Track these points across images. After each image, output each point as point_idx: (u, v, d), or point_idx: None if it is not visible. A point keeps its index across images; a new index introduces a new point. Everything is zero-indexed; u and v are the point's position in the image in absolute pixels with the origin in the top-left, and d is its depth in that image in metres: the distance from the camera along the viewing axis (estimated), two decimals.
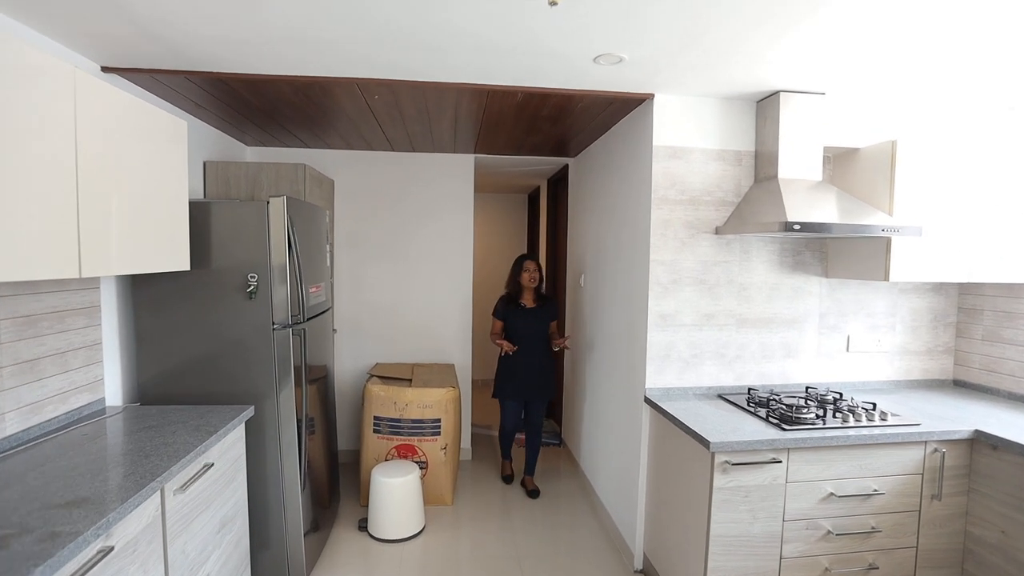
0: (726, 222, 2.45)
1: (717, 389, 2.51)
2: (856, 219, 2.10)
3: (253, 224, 2.20)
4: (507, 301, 3.41)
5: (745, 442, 1.88)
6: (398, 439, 3.13)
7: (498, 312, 3.43)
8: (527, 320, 3.34)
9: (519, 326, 3.34)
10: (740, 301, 2.51)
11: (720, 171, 2.45)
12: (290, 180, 3.01)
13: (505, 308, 3.40)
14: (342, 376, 3.83)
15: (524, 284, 3.38)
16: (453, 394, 3.17)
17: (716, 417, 2.15)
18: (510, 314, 3.37)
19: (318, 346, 2.71)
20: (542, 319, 3.38)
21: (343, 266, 3.77)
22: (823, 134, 2.33)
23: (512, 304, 3.39)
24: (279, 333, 2.25)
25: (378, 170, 3.78)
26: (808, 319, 2.58)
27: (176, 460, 1.56)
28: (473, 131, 3.15)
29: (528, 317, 3.35)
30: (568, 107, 2.58)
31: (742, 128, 2.46)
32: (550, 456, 4.10)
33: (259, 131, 3.25)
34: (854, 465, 2.00)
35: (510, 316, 3.37)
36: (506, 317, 3.39)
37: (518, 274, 3.39)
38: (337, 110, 2.71)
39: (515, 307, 3.38)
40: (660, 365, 2.46)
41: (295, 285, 2.28)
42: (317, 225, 2.73)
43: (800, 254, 2.55)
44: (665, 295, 2.44)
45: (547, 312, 3.41)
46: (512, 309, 3.38)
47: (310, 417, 2.58)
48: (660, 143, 2.40)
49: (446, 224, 3.87)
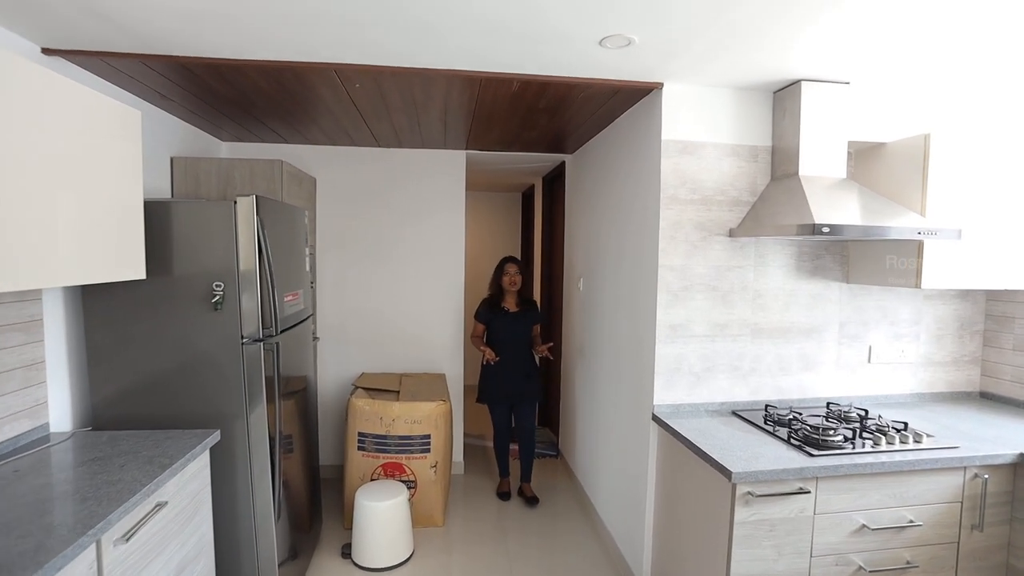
0: (741, 224, 2.25)
1: (731, 405, 2.31)
2: (887, 220, 1.91)
3: (219, 226, 1.97)
4: (489, 304, 3.34)
5: (770, 471, 1.68)
6: (384, 457, 2.91)
7: (480, 315, 3.34)
8: (509, 324, 3.28)
9: (501, 330, 3.27)
10: (755, 309, 2.31)
11: (734, 168, 2.25)
12: (266, 177, 2.77)
13: (488, 311, 3.32)
14: (325, 387, 3.60)
15: (505, 287, 3.32)
16: (443, 408, 2.95)
17: (733, 439, 1.94)
18: (492, 318, 3.30)
19: (296, 358, 2.49)
20: (525, 323, 3.32)
21: (326, 270, 3.54)
22: (847, 127, 2.13)
23: (495, 308, 3.32)
24: (249, 348, 2.02)
25: (363, 167, 3.55)
26: (827, 328, 2.38)
27: (118, 504, 1.33)
28: (464, 125, 2.93)
29: (511, 321, 3.28)
30: (568, 98, 2.37)
31: (758, 121, 2.26)
32: (547, 468, 3.90)
33: (234, 125, 3.01)
34: (888, 494, 1.80)
35: (492, 320, 3.30)
36: (488, 321, 3.31)
37: (499, 277, 3.33)
38: (316, 101, 2.48)
39: (498, 311, 3.31)
40: (669, 379, 2.26)
41: (267, 294, 2.05)
42: (295, 227, 2.50)
43: (819, 258, 2.35)
44: (675, 303, 2.24)
45: (530, 316, 3.36)
46: (495, 313, 3.30)
47: (287, 435, 2.36)
48: (670, 137, 2.19)
49: (436, 225, 3.65)
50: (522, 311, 3.34)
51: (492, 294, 3.38)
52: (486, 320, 3.33)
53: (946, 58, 1.86)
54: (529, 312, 3.36)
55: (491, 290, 3.39)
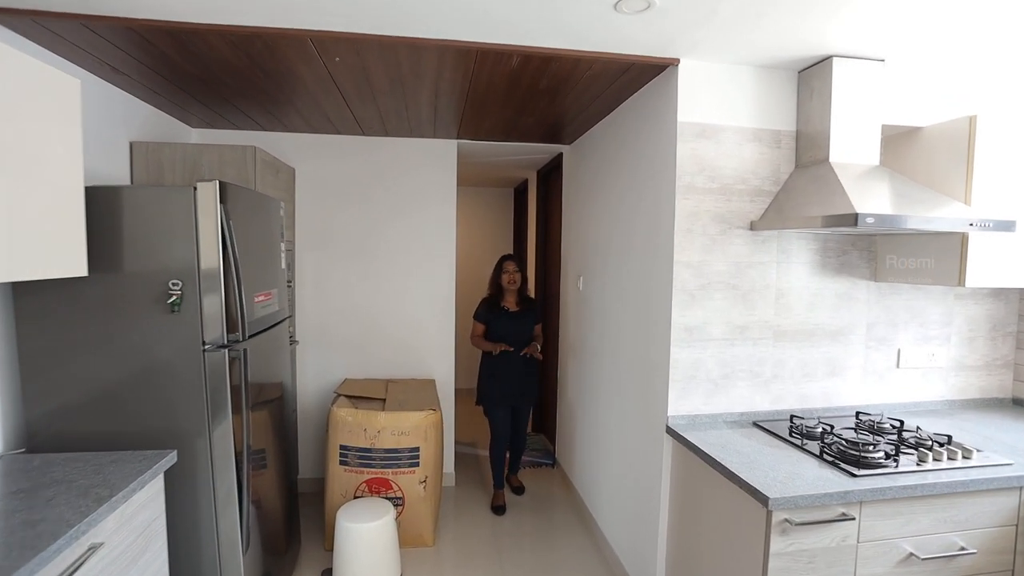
0: (763, 215, 2.04)
1: (751, 415, 2.10)
2: (934, 210, 1.71)
3: (176, 216, 1.71)
4: (489, 304, 3.26)
5: (811, 496, 1.46)
6: (369, 472, 2.66)
7: (480, 315, 3.26)
8: (510, 324, 3.20)
9: (502, 330, 3.19)
10: (778, 310, 2.10)
11: (756, 154, 2.04)
12: (237, 165, 2.51)
13: (487, 311, 3.24)
14: (305, 394, 3.34)
15: (504, 286, 3.24)
16: (434, 418, 2.71)
17: (760, 455, 1.73)
18: (492, 318, 3.22)
19: (269, 364, 2.24)
20: (525, 322, 3.25)
21: (306, 268, 3.28)
22: (881, 109, 1.93)
23: (494, 307, 3.23)
24: (212, 355, 1.76)
25: (347, 158, 3.29)
26: (854, 330, 2.19)
27: (34, 553, 1.08)
28: (456, 110, 2.69)
29: (511, 320, 3.21)
30: (573, 76, 2.14)
31: (781, 104, 2.05)
32: (543, 478, 3.67)
33: (203, 109, 2.74)
34: (937, 518, 1.60)
35: (492, 320, 3.21)
36: (488, 321, 3.22)
37: (498, 276, 3.26)
38: (292, 79, 2.23)
39: (497, 310, 3.23)
40: (685, 388, 2.04)
41: (233, 293, 1.80)
42: (268, 219, 2.25)
43: (845, 254, 2.15)
44: (691, 304, 2.02)
45: (530, 315, 3.29)
46: (494, 312, 3.22)
47: (259, 450, 2.11)
48: (687, 119, 1.98)
49: (425, 220, 3.40)
50: (522, 310, 3.26)
51: (491, 293, 3.28)
52: (486, 320, 3.23)
53: (991, 33, 1.66)
54: (530, 311, 3.29)
55: (490, 289, 3.30)
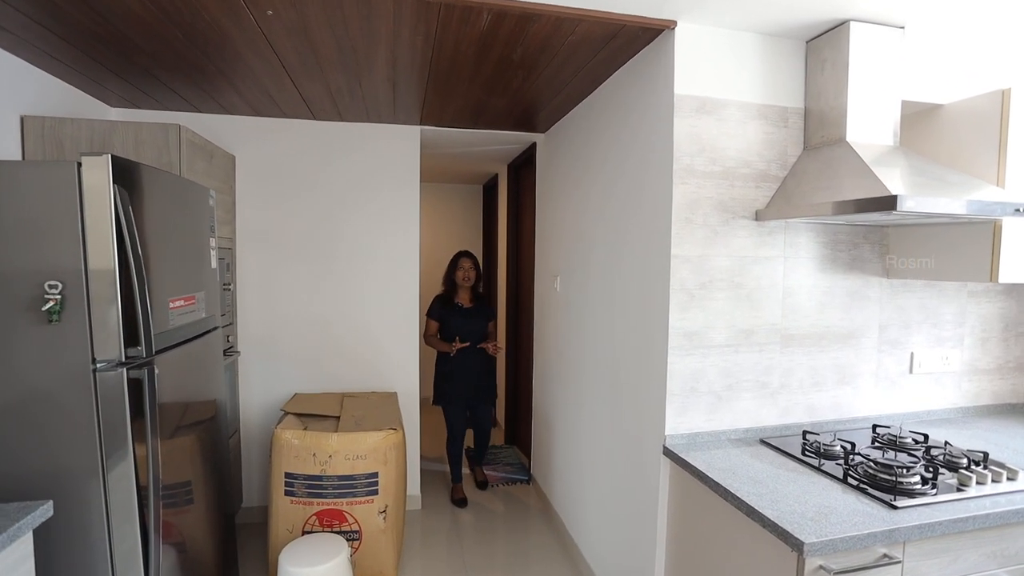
0: (769, 203, 1.79)
1: (758, 431, 1.84)
2: (972, 194, 1.48)
3: (53, 200, 1.34)
4: (443, 301, 3.25)
5: (852, 538, 1.20)
6: (320, 503, 2.30)
7: (433, 313, 3.25)
8: (465, 320, 3.21)
9: (456, 327, 3.19)
10: (785, 311, 1.86)
11: (762, 134, 1.79)
12: (157, 146, 2.13)
13: (441, 308, 3.23)
14: (250, 412, 2.95)
15: (459, 282, 3.24)
16: (394, 438, 2.37)
17: (776, 481, 1.47)
18: (447, 314, 3.21)
19: (194, 382, 1.87)
20: (480, 319, 3.26)
21: (248, 268, 2.90)
22: (901, 83, 1.71)
23: (448, 304, 3.23)
24: (106, 376, 1.40)
25: (295, 144, 2.93)
26: (866, 333, 1.96)
27: None
28: (418, 88, 2.37)
29: (466, 317, 3.22)
30: (552, 42, 1.85)
31: (788, 77, 1.81)
32: (517, 496, 3.37)
33: (122, 84, 2.35)
34: (986, 553, 1.36)
35: (447, 316, 3.21)
36: (443, 318, 3.22)
37: (453, 271, 3.25)
38: (218, 41, 1.88)
39: (452, 307, 3.23)
40: (684, 402, 1.78)
41: (135, 298, 1.44)
42: (191, 209, 1.88)
43: (857, 247, 1.93)
44: (691, 305, 1.76)
45: (484, 312, 3.31)
46: (449, 309, 3.22)
47: (181, 483, 1.76)
48: (684, 91, 1.71)
49: (386, 216, 3.06)
50: (476, 307, 3.28)
51: (445, 290, 3.27)
52: (440, 317, 3.22)
53: None
54: (483, 308, 3.31)
55: (444, 286, 3.29)
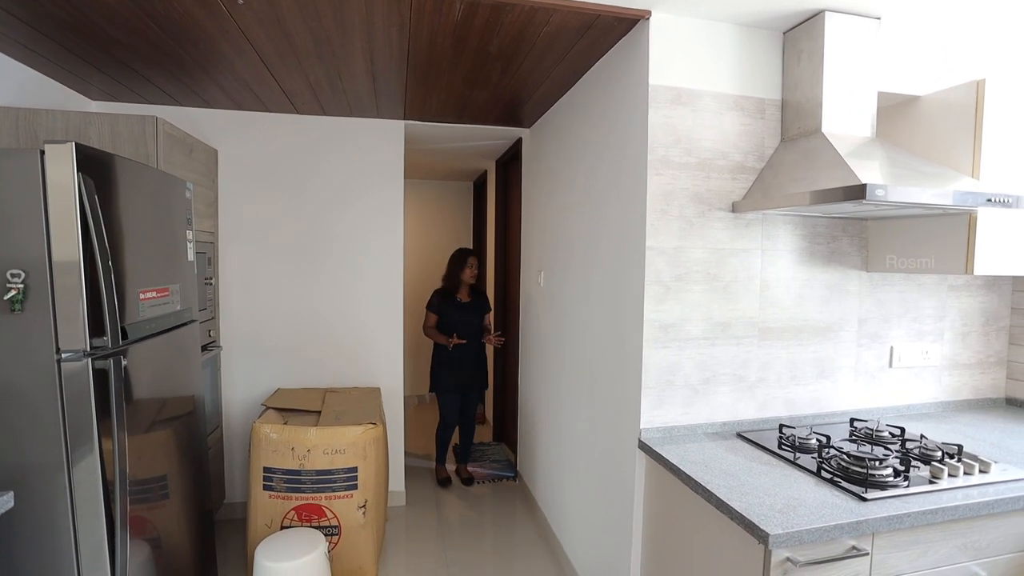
0: (746, 195, 1.79)
1: (735, 425, 1.84)
2: (946, 185, 1.47)
3: (16, 189, 1.33)
4: (443, 296, 3.35)
5: (818, 529, 1.19)
6: (298, 498, 2.29)
7: (433, 306, 3.35)
8: (464, 314, 3.34)
9: (456, 320, 3.31)
10: (763, 304, 1.85)
11: (738, 125, 1.78)
12: (134, 139, 2.12)
13: (442, 302, 3.34)
14: (232, 406, 2.93)
15: (465, 280, 3.35)
16: (374, 433, 2.36)
17: (749, 474, 1.46)
18: (447, 308, 3.33)
19: (169, 375, 1.86)
20: (478, 313, 3.41)
21: (231, 263, 2.88)
22: (877, 74, 1.70)
23: (448, 299, 3.34)
24: (70, 366, 1.38)
25: (278, 139, 2.91)
26: (845, 326, 1.95)
27: None
28: (398, 81, 2.36)
29: (465, 311, 3.35)
30: (528, 33, 1.84)
31: (765, 69, 1.80)
32: (503, 493, 3.35)
33: (101, 77, 2.34)
34: (955, 546, 1.36)
35: (446, 310, 3.33)
36: (441, 311, 3.33)
37: (460, 270, 3.34)
38: (193, 32, 1.86)
39: (451, 302, 3.34)
40: (660, 395, 1.76)
41: (101, 288, 1.42)
42: (165, 200, 1.86)
43: (835, 240, 1.92)
44: (666, 297, 1.75)
45: (482, 306, 3.45)
46: (448, 304, 3.33)
47: (156, 478, 1.75)
48: (659, 82, 1.70)
49: (370, 211, 3.05)
50: (474, 301, 3.40)
51: (447, 286, 3.36)
52: (439, 311, 3.33)
53: None
54: (481, 302, 3.44)
55: (447, 282, 3.37)
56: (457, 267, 3.33)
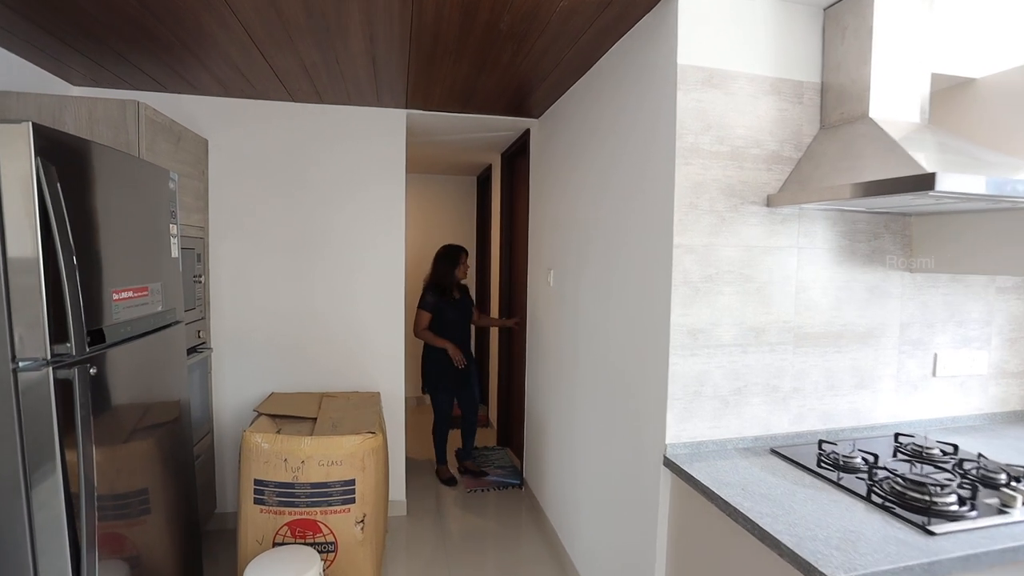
0: (782, 188, 1.62)
1: (767, 439, 1.67)
2: (1014, 174, 1.31)
3: None
4: (438, 293, 3.29)
5: (884, 572, 1.03)
6: (292, 512, 2.13)
7: (429, 305, 3.28)
8: (457, 311, 3.34)
9: (450, 317, 3.31)
10: (799, 308, 1.69)
11: (775, 111, 1.61)
12: (113, 124, 1.96)
13: (438, 301, 3.28)
14: (223, 412, 2.78)
15: (460, 277, 3.35)
16: (373, 443, 2.20)
17: (794, 500, 1.30)
18: (442, 306, 3.29)
19: (151, 380, 1.70)
20: (467, 308, 3.42)
21: (222, 260, 2.72)
22: (931, 54, 1.53)
23: (445, 296, 3.31)
24: (27, 376, 1.23)
25: (272, 128, 2.75)
26: (886, 332, 1.79)
27: None
28: (400, 64, 2.19)
29: (457, 308, 3.35)
30: (542, 9, 1.67)
31: (804, 48, 1.63)
32: (509, 501, 3.20)
33: (83, 60, 2.18)
34: None
35: (443, 309, 3.29)
36: (438, 311, 3.28)
37: (454, 268, 3.33)
38: (175, 9, 1.70)
39: (447, 300, 3.31)
40: (687, 407, 1.60)
41: (64, 288, 1.26)
42: (145, 191, 1.70)
43: (877, 238, 1.75)
44: (695, 300, 1.58)
45: (470, 301, 3.45)
46: (444, 302, 3.30)
47: (136, 492, 1.62)
48: (688, 62, 1.54)
49: (370, 205, 2.88)
50: (462, 297, 3.40)
51: (438, 282, 3.31)
52: (434, 309, 3.27)
53: None
54: (468, 298, 3.44)
55: (443, 281, 3.31)
56: (450, 265, 3.31)
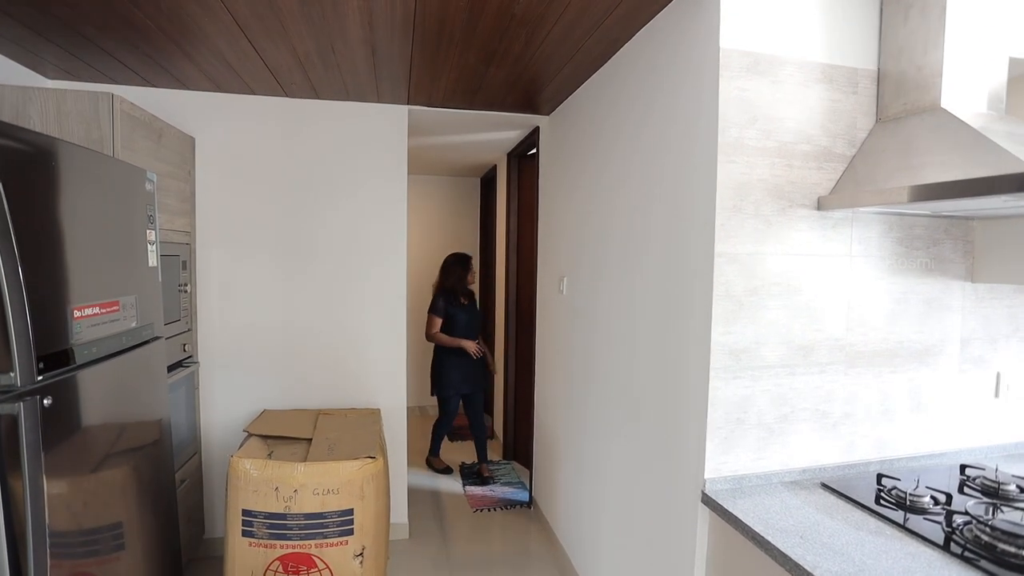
0: (834, 189, 1.44)
1: (816, 471, 1.49)
2: None
3: None
4: (449, 299, 3.35)
5: None
6: (284, 546, 1.94)
7: (440, 309, 3.34)
8: (467, 316, 3.40)
9: (462, 322, 3.36)
10: (851, 324, 1.50)
11: (826, 101, 1.43)
12: (84, 119, 1.77)
13: (449, 306, 3.35)
14: (211, 431, 2.58)
15: (468, 283, 3.42)
16: (372, 468, 2.01)
17: (863, 551, 1.11)
18: (454, 311, 3.35)
19: (122, 405, 1.52)
20: (476, 313, 3.49)
21: (210, 267, 2.53)
22: (1010, 36, 1.35)
23: (455, 302, 3.37)
24: None
25: (265, 125, 2.56)
26: (945, 348, 1.60)
27: None
28: (402, 53, 2.01)
29: (467, 313, 3.41)
30: None
31: (859, 30, 1.45)
32: (517, 522, 3.01)
33: (54, 49, 1.99)
34: None
35: (454, 313, 3.35)
36: (450, 315, 3.34)
37: (464, 275, 3.39)
38: None
39: (457, 304, 3.37)
40: (729, 436, 1.42)
41: (7, 307, 1.08)
42: (116, 194, 1.52)
43: (937, 245, 1.57)
44: (739, 315, 1.40)
45: (476, 305, 3.52)
46: (455, 306, 3.36)
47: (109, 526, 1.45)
48: (732, 45, 1.35)
49: (369, 209, 2.69)
50: (471, 303, 3.46)
51: (450, 288, 3.35)
52: (447, 314, 3.32)
53: None
54: (474, 302, 3.50)
55: (451, 285, 3.36)
56: (461, 273, 3.39)
